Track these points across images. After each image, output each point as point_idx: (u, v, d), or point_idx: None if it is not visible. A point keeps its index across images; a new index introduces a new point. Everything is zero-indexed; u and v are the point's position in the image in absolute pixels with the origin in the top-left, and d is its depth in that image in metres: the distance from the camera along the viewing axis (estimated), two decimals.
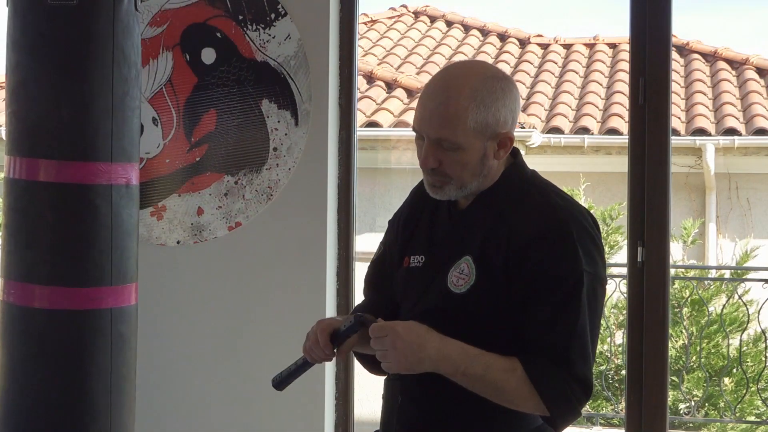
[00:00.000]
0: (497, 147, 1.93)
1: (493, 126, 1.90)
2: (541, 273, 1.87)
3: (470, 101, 1.87)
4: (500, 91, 1.91)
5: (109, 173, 2.38)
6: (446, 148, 1.89)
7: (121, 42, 2.38)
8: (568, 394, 1.86)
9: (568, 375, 1.86)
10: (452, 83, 1.90)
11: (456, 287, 1.93)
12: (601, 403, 6.66)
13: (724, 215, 8.82)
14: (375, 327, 1.88)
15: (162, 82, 3.75)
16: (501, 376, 1.86)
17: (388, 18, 11.49)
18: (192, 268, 3.77)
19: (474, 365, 1.86)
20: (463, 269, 1.93)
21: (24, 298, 2.39)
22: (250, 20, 3.68)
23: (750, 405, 6.34)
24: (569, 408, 1.88)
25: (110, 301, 2.40)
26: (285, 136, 3.65)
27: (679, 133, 8.27)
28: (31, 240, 2.39)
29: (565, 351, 1.86)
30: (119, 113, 2.38)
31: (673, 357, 6.41)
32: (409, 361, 1.85)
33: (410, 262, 2.04)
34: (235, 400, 3.72)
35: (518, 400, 1.87)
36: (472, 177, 1.93)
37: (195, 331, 3.77)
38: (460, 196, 1.97)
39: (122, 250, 2.42)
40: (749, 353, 6.43)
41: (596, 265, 1.91)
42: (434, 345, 1.86)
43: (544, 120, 8.78)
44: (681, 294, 6.63)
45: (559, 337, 1.86)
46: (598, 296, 1.92)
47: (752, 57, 9.53)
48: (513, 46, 10.56)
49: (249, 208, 3.69)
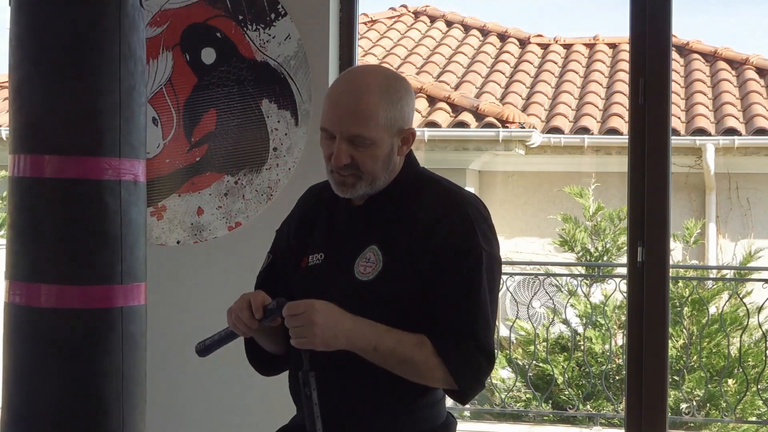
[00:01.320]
0: (401, 143, 2.06)
1: (400, 122, 2.03)
2: (444, 251, 1.98)
3: (380, 99, 2.00)
4: (403, 90, 2.05)
5: (118, 169, 2.34)
6: (358, 145, 2.00)
7: (128, 36, 2.36)
8: (474, 365, 1.97)
9: (474, 346, 1.96)
10: (362, 84, 2.03)
11: (363, 275, 2.02)
12: (601, 403, 6.66)
13: (724, 215, 8.83)
14: (291, 304, 1.95)
15: (162, 82, 3.75)
16: (411, 350, 1.96)
17: (388, 18, 11.49)
18: (192, 268, 3.77)
19: (385, 340, 1.95)
20: (369, 258, 2.03)
21: (31, 298, 2.36)
22: (250, 20, 3.68)
23: (751, 405, 6.34)
24: (475, 378, 1.99)
25: (121, 300, 2.38)
26: (285, 136, 3.65)
27: (679, 133, 8.27)
28: (39, 237, 2.35)
29: (471, 323, 1.97)
30: (126, 108, 2.36)
31: (674, 357, 6.41)
32: (325, 336, 1.93)
33: (309, 261, 2.12)
34: (234, 399, 3.72)
35: (428, 373, 1.97)
36: (382, 172, 2.04)
37: (195, 331, 3.76)
38: (369, 193, 2.06)
39: (132, 247, 2.39)
40: (750, 353, 6.44)
41: (491, 244, 2.04)
42: (349, 321, 1.95)
43: (544, 120, 8.78)
44: (681, 293, 6.63)
45: (465, 311, 1.97)
46: (495, 274, 2.04)
47: (752, 57, 9.53)
48: (513, 46, 10.56)
49: (249, 208, 3.69)
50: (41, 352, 2.37)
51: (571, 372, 6.72)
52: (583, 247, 7.51)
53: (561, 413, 6.58)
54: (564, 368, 6.64)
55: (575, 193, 7.72)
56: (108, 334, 2.37)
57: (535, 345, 6.75)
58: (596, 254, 7.51)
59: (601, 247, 7.52)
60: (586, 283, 7.16)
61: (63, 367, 2.37)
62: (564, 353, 6.84)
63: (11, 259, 2.41)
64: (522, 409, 6.80)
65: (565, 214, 7.64)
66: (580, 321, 6.84)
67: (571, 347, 6.73)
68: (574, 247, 7.53)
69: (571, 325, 6.84)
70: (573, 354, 6.71)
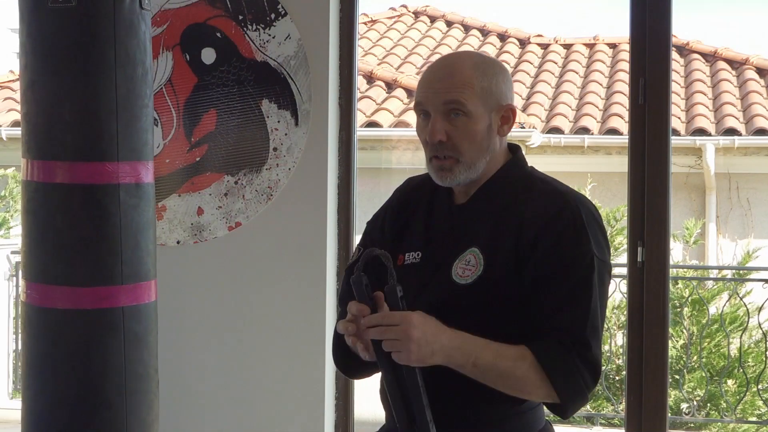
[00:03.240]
0: (501, 121, 1.97)
1: (497, 96, 1.95)
2: (554, 256, 1.88)
3: (474, 70, 1.94)
4: (498, 66, 2.00)
5: (116, 172, 2.37)
6: (454, 116, 1.92)
7: (125, 41, 2.37)
8: (578, 379, 1.85)
9: (579, 359, 1.85)
10: (454, 58, 2.01)
11: (462, 278, 1.91)
12: (601, 403, 6.66)
13: (724, 215, 8.82)
14: (387, 315, 1.84)
15: (162, 82, 3.75)
16: (511, 364, 1.85)
17: (388, 18, 11.49)
18: (192, 268, 3.77)
19: (484, 354, 1.84)
20: (469, 260, 1.92)
21: (39, 298, 2.42)
22: (250, 20, 3.68)
23: (751, 405, 6.33)
24: (579, 394, 1.87)
25: (122, 300, 2.41)
26: (285, 136, 3.65)
27: (679, 133, 8.26)
28: (42, 241, 2.41)
29: (581, 333, 1.86)
30: (125, 112, 2.38)
31: (674, 357, 6.41)
32: (422, 351, 1.81)
33: (405, 259, 2.01)
34: (234, 399, 3.72)
35: (529, 388, 1.86)
36: (480, 152, 1.94)
37: (195, 331, 3.77)
38: (469, 179, 1.96)
39: (133, 248, 2.41)
40: (750, 353, 6.43)
41: (603, 251, 1.93)
42: (446, 335, 1.83)
43: (544, 120, 8.78)
44: (681, 293, 6.62)
45: (575, 319, 1.86)
46: (605, 282, 1.93)
47: (752, 57, 9.53)
48: (513, 46, 10.55)
49: (249, 208, 3.69)
50: (47, 350, 2.42)
51: None
52: None
53: None
54: None
55: None
56: (109, 333, 2.39)
57: None
58: None
59: None
60: None
61: (67, 365, 2.41)
62: None
63: (24, 260, 2.49)
64: None
65: None
66: None
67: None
68: None
69: None
70: None
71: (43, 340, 2.43)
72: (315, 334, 3.64)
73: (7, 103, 9.56)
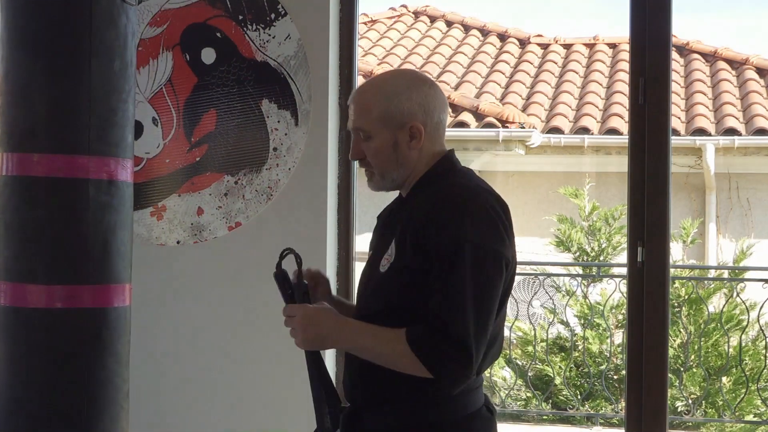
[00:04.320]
0: (408, 137, 2.15)
1: (397, 117, 2.14)
2: (429, 243, 2.04)
3: (374, 96, 2.16)
4: (404, 86, 2.16)
5: (87, 167, 2.29)
6: (363, 139, 2.17)
7: (102, 34, 2.32)
8: (445, 356, 1.99)
9: (445, 337, 1.99)
10: (364, 86, 2.22)
11: (382, 267, 2.13)
12: (601, 403, 6.66)
13: (724, 215, 8.83)
14: (286, 308, 2.17)
15: (162, 82, 3.75)
16: (387, 346, 2.04)
17: (388, 18, 11.49)
18: (192, 268, 3.77)
19: (364, 339, 2.08)
20: (389, 251, 2.12)
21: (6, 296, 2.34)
22: (250, 20, 3.68)
23: (749, 404, 6.34)
24: (449, 369, 2.01)
25: (87, 301, 2.31)
26: (285, 136, 3.65)
27: (679, 133, 8.26)
28: (10, 236, 2.33)
29: (442, 313, 2.00)
30: (99, 105, 2.31)
31: (672, 356, 6.41)
32: (310, 339, 2.10)
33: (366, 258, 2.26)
34: (234, 399, 3.72)
35: (406, 365, 2.02)
36: (389, 165, 2.16)
37: (195, 331, 3.77)
38: (388, 187, 2.20)
39: (103, 247, 2.32)
40: (748, 352, 6.43)
41: (485, 237, 2.05)
42: (330, 324, 2.10)
43: (544, 120, 8.78)
44: (678, 293, 6.62)
45: (437, 301, 2.01)
46: (485, 266, 2.04)
47: (752, 57, 9.53)
48: (513, 46, 10.55)
49: (249, 208, 3.69)
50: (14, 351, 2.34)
51: (570, 372, 6.72)
52: (579, 248, 7.51)
53: (561, 413, 6.58)
54: (561, 368, 6.64)
55: (569, 194, 7.70)
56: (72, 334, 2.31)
57: (534, 345, 6.75)
58: (593, 254, 7.51)
59: (597, 246, 7.52)
60: (584, 283, 7.16)
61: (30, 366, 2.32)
62: (562, 353, 6.84)
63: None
64: (522, 408, 6.80)
65: (561, 215, 7.64)
66: (579, 321, 6.83)
67: (570, 347, 6.73)
68: (571, 248, 7.52)
69: (570, 325, 6.83)
70: (571, 354, 6.71)
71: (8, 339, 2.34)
72: None
73: None
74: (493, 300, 2.06)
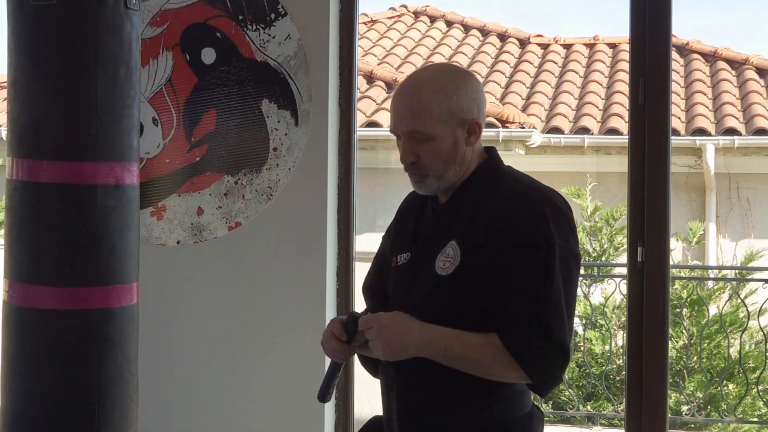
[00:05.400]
0: (467, 134, 2.09)
1: (458, 113, 2.07)
2: (517, 245, 2.00)
3: (431, 94, 2.06)
4: (458, 81, 2.09)
5: (94, 173, 2.34)
6: (420, 141, 2.07)
7: (106, 41, 2.35)
8: (547, 360, 1.97)
9: (546, 341, 1.97)
10: (414, 83, 2.11)
11: (443, 270, 2.05)
12: (602, 403, 6.66)
13: (724, 215, 8.82)
14: (362, 319, 2.06)
15: (162, 82, 3.75)
16: (480, 351, 1.99)
17: (388, 18, 11.48)
18: (192, 268, 3.77)
19: (454, 345, 1.99)
20: (449, 253, 2.06)
21: (18, 297, 2.39)
22: (250, 20, 3.68)
23: (752, 407, 6.33)
24: (549, 372, 1.99)
25: (96, 302, 2.36)
26: (285, 136, 3.65)
27: (679, 133, 8.26)
28: (20, 240, 2.39)
29: (542, 317, 1.97)
30: (105, 113, 2.35)
31: (674, 358, 6.41)
32: (394, 347, 2.00)
33: (397, 261, 2.19)
34: (235, 400, 3.72)
35: (500, 371, 1.99)
36: (447, 165, 2.09)
37: (195, 331, 3.77)
38: (442, 187, 2.12)
39: (111, 250, 2.38)
40: (751, 354, 6.43)
41: (568, 239, 2.04)
42: (415, 331, 2.01)
43: (544, 120, 8.77)
44: (679, 294, 6.62)
45: (536, 304, 1.98)
46: (571, 268, 2.04)
47: (752, 57, 9.53)
48: (513, 46, 10.55)
49: (249, 208, 3.69)
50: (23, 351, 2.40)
51: (571, 372, 6.72)
52: (581, 248, 7.51)
53: (561, 413, 6.57)
54: None
55: (572, 194, 7.71)
56: (81, 335, 2.36)
57: None
58: (594, 255, 7.51)
59: (598, 247, 7.52)
60: (586, 283, 7.15)
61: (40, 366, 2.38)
62: None
63: (4, 259, 2.46)
64: None
65: None
66: (580, 321, 6.83)
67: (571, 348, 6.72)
68: None
69: None
70: (573, 355, 6.71)
71: (19, 339, 2.40)
72: (315, 334, 3.62)
73: (6, 103, 9.58)
74: (575, 301, 2.06)
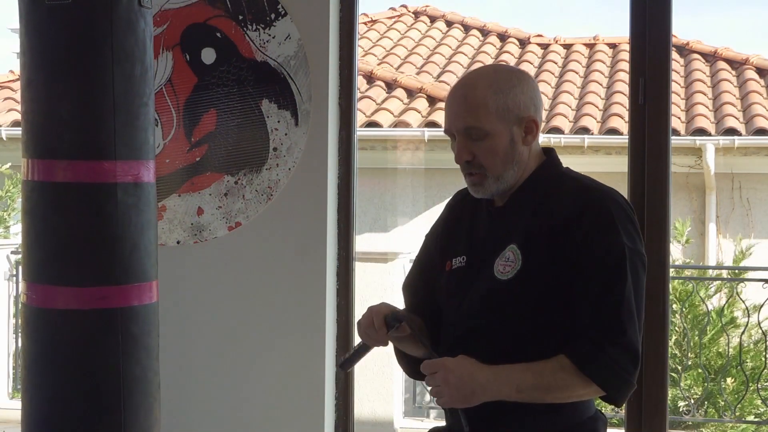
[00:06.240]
0: (524, 132, 2.04)
1: (514, 110, 2.03)
2: (584, 249, 1.95)
3: (487, 90, 2.02)
4: (515, 79, 2.06)
5: (114, 171, 2.35)
6: (475, 138, 2.02)
7: (122, 40, 2.36)
8: (618, 370, 1.94)
9: (613, 348, 1.93)
10: (468, 82, 2.08)
11: (503, 274, 2.01)
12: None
13: (724, 215, 8.82)
14: (425, 364, 1.98)
15: (162, 82, 3.75)
16: (553, 376, 1.95)
17: (388, 18, 11.48)
18: (192, 268, 3.77)
19: (524, 378, 1.95)
20: (508, 257, 2.01)
21: (38, 299, 2.40)
22: (250, 20, 3.68)
23: (750, 404, 6.33)
24: (623, 381, 1.96)
25: (118, 300, 2.38)
26: (285, 136, 3.65)
27: (679, 133, 8.26)
28: (40, 241, 2.39)
29: (617, 320, 1.93)
30: (123, 111, 2.36)
31: (670, 355, 6.40)
32: (462, 394, 1.95)
33: (452, 264, 2.13)
34: (234, 399, 3.72)
35: (577, 392, 1.96)
36: (505, 165, 2.04)
37: (195, 331, 3.77)
38: (501, 189, 2.06)
39: (131, 248, 2.39)
40: (749, 352, 6.43)
41: (635, 241, 2.00)
42: (483, 374, 1.95)
43: (544, 120, 8.77)
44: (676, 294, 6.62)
45: (610, 309, 1.93)
46: (639, 271, 1.99)
47: (752, 57, 9.52)
48: (513, 46, 10.55)
49: (249, 208, 3.69)
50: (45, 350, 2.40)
51: None
52: None
53: None
54: None
55: None
56: (106, 334, 2.37)
57: None
58: None
59: None
60: None
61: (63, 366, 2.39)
62: None
63: (23, 260, 2.47)
64: None
65: None
66: None
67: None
68: None
69: None
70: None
71: (41, 340, 2.40)
72: (315, 334, 3.64)
73: (7, 103, 9.57)
74: (644, 305, 2.02)
